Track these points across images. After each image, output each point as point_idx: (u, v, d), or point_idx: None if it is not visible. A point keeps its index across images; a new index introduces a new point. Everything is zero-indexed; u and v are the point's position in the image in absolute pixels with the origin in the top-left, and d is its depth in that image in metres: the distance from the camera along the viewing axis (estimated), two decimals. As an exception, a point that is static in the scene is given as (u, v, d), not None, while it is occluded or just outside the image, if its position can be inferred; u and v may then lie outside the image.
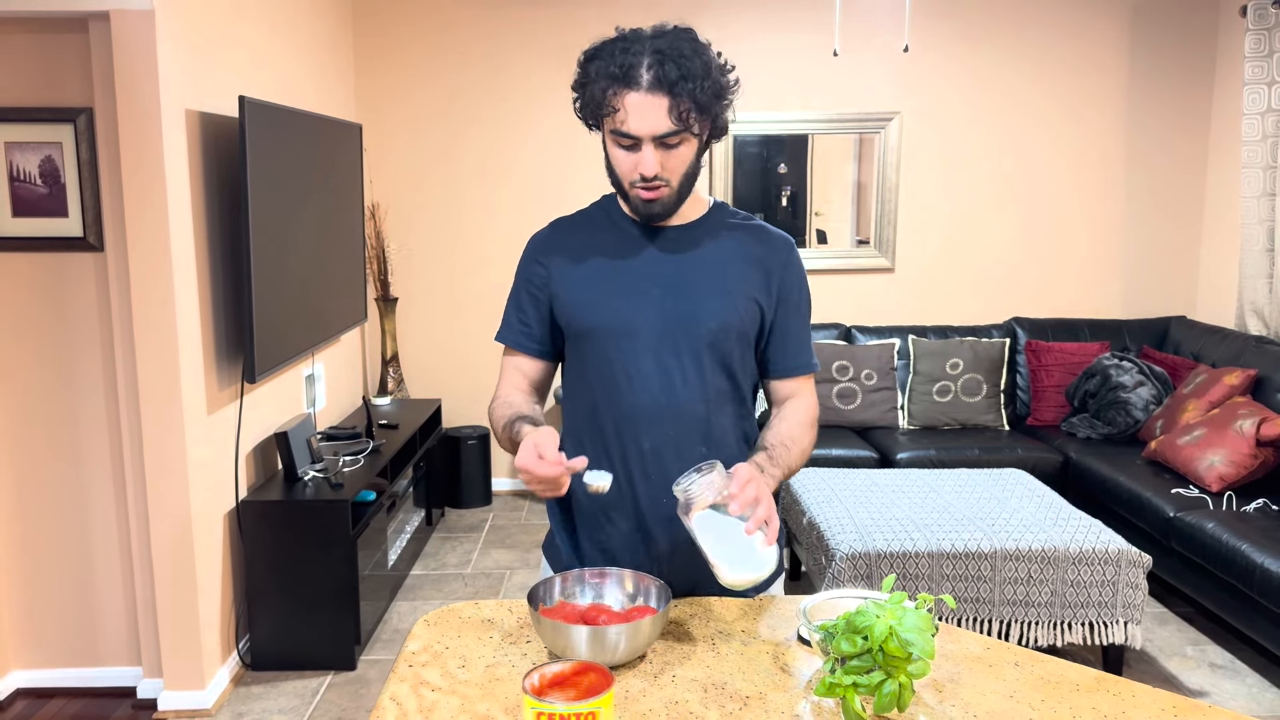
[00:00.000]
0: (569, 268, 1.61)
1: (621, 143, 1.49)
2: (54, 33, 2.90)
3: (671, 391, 1.56)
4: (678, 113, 1.44)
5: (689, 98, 1.43)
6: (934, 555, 3.06)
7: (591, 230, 1.64)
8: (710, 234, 1.61)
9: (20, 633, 3.16)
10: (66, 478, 3.09)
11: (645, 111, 1.44)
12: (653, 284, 1.57)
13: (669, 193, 1.52)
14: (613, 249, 1.60)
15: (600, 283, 1.58)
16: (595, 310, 1.58)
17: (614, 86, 1.44)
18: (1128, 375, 4.37)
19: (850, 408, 4.58)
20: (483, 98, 4.85)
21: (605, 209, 1.65)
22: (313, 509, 3.22)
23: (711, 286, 1.57)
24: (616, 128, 1.47)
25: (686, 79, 1.42)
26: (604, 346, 1.57)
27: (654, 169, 1.48)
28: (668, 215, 1.56)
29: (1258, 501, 3.50)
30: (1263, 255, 4.33)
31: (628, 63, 1.43)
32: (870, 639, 1.19)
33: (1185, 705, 1.26)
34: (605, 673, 1.11)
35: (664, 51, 1.43)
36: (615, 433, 1.57)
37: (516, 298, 1.67)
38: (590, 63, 1.48)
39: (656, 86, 1.43)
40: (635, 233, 1.60)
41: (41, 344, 3.03)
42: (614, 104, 1.45)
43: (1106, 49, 4.90)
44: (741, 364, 1.60)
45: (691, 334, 1.55)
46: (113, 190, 2.94)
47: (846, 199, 5.03)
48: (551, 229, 1.69)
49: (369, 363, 4.99)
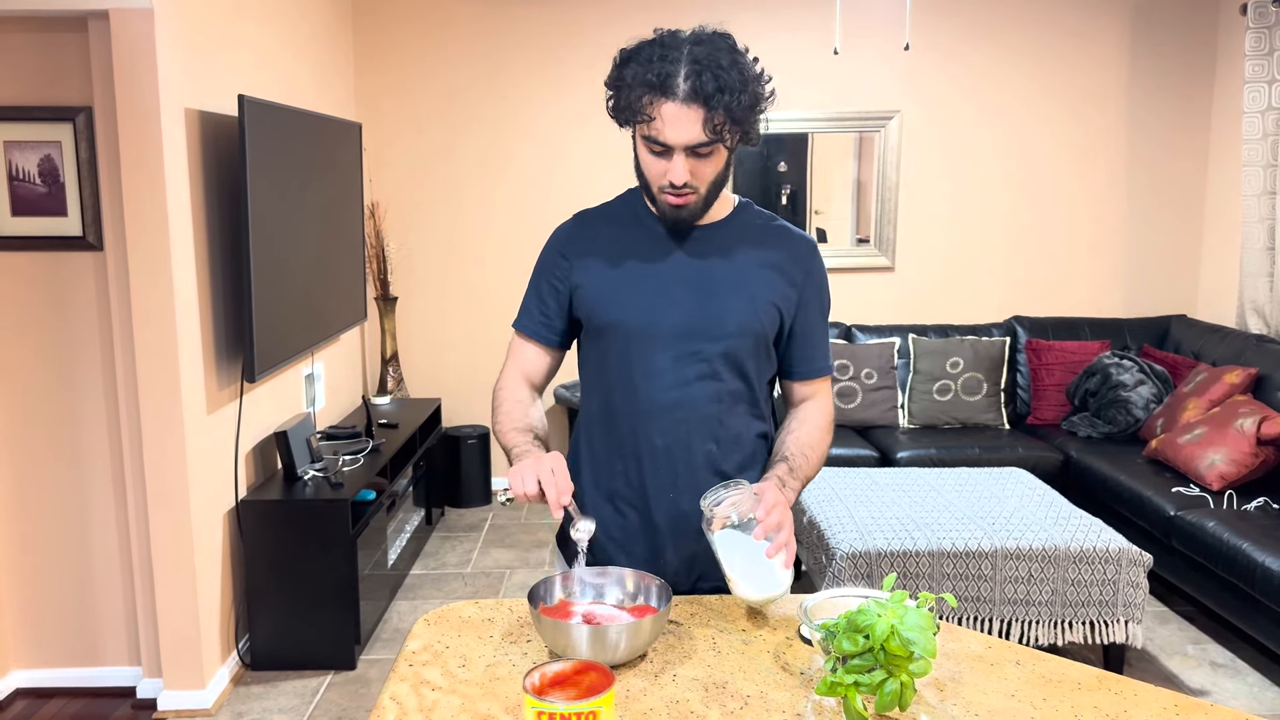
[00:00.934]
0: (592, 262, 1.61)
1: (653, 149, 1.48)
2: (53, 32, 2.90)
3: (686, 390, 1.56)
4: (712, 125, 1.43)
5: (724, 110, 1.42)
6: (935, 554, 3.06)
7: (616, 225, 1.64)
8: (735, 235, 1.61)
9: (20, 632, 3.16)
10: (66, 477, 3.09)
11: (679, 122, 1.43)
12: (676, 283, 1.57)
13: (696, 200, 1.52)
14: (637, 246, 1.60)
15: (623, 278, 1.58)
16: (617, 306, 1.58)
17: (650, 94, 1.43)
18: (1128, 374, 4.37)
19: (850, 407, 4.58)
20: (483, 96, 4.85)
21: (630, 204, 1.65)
22: (312, 508, 3.22)
23: (735, 290, 1.57)
24: (650, 134, 1.46)
25: (723, 91, 1.41)
26: (623, 342, 1.58)
27: (684, 177, 1.47)
28: (694, 220, 1.56)
29: (1258, 500, 3.50)
30: (1263, 254, 4.33)
31: (665, 71, 1.42)
32: (872, 638, 1.19)
33: (1186, 704, 1.25)
34: (606, 672, 1.11)
35: (702, 61, 1.41)
36: (629, 428, 1.58)
37: (537, 287, 1.67)
38: (626, 66, 1.47)
39: (693, 98, 1.41)
40: (660, 231, 1.60)
41: (41, 343, 3.03)
42: (649, 112, 1.44)
43: (1107, 47, 4.90)
44: (757, 366, 1.61)
45: (711, 336, 1.56)
46: (112, 189, 2.94)
47: (847, 197, 5.03)
48: (576, 221, 1.68)
49: (369, 362, 4.99)
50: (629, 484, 1.60)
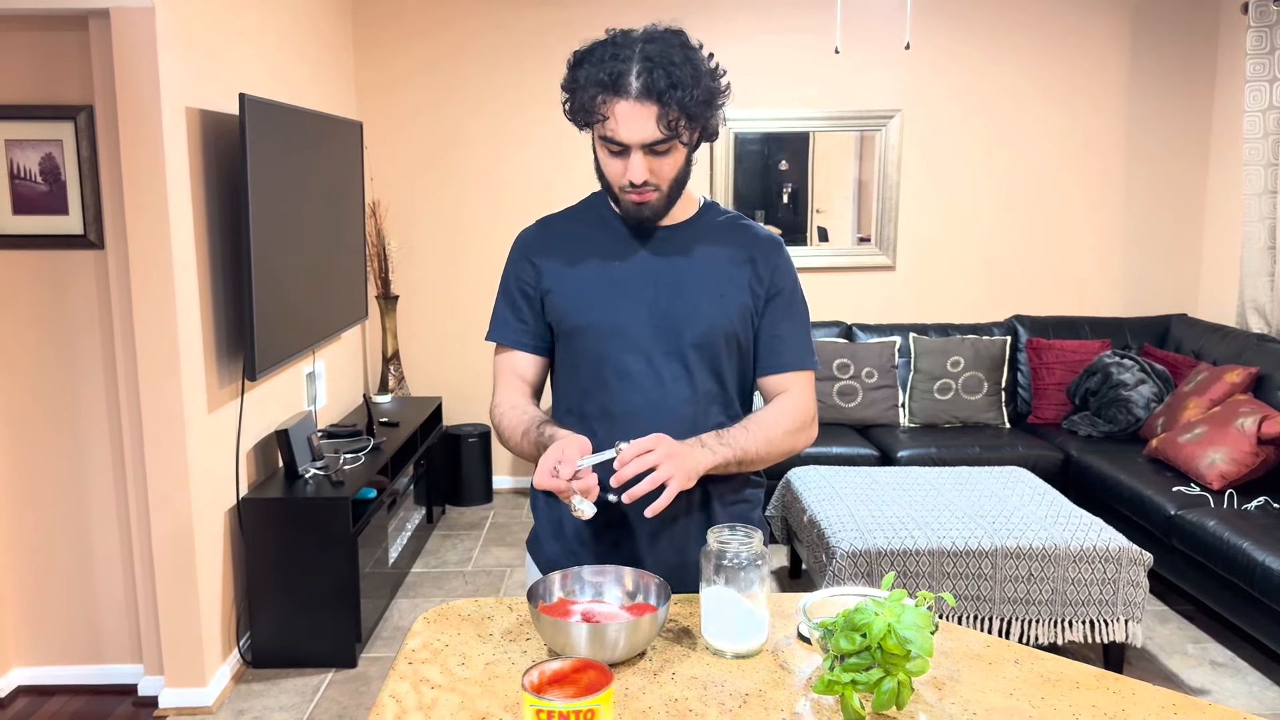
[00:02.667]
0: (560, 266, 1.60)
1: (610, 148, 1.48)
2: (54, 30, 2.90)
3: (661, 391, 1.56)
4: (666, 121, 1.43)
5: (678, 106, 1.42)
6: (934, 553, 3.06)
7: (581, 228, 1.63)
8: (700, 235, 1.60)
9: (22, 630, 3.16)
10: (67, 475, 3.09)
11: (634, 120, 1.43)
12: (645, 284, 1.56)
13: (658, 197, 1.52)
14: (603, 248, 1.59)
15: (592, 281, 1.58)
16: (587, 309, 1.57)
17: (603, 94, 1.43)
18: (1129, 373, 4.37)
19: (851, 406, 4.58)
20: (483, 94, 4.85)
21: (595, 207, 1.65)
22: (313, 507, 3.22)
23: (703, 288, 1.56)
24: (605, 134, 1.46)
25: (676, 87, 1.41)
26: (594, 345, 1.57)
27: (643, 175, 1.47)
28: (657, 219, 1.56)
29: (1259, 499, 3.50)
30: (1264, 253, 4.33)
31: (617, 70, 1.41)
32: (869, 636, 1.19)
33: (1186, 703, 1.26)
34: (605, 670, 1.11)
35: (653, 58, 1.41)
36: (604, 432, 1.56)
37: (508, 295, 1.65)
38: (579, 67, 1.47)
39: (645, 95, 1.41)
40: (626, 232, 1.60)
41: (42, 342, 3.03)
42: (603, 111, 1.44)
43: (1108, 47, 4.89)
44: (730, 366, 1.60)
45: (682, 335, 1.55)
46: (113, 188, 2.94)
47: (848, 196, 5.03)
48: (539, 226, 1.68)
49: (370, 360, 4.99)
50: (603, 486, 1.58)
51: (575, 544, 1.63)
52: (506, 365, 1.66)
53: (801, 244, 5.01)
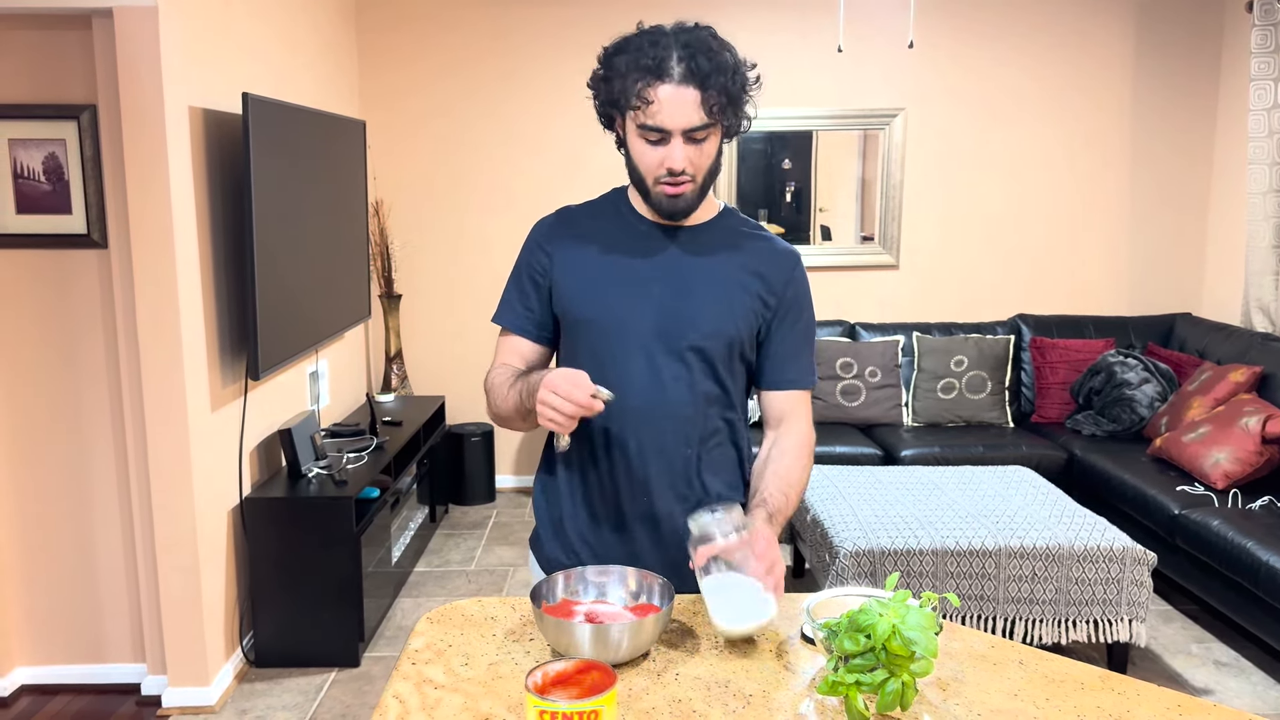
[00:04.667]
0: (572, 257, 1.60)
1: (649, 137, 1.47)
2: (58, 29, 2.90)
3: (661, 391, 1.55)
4: (708, 106, 1.43)
5: (720, 91, 1.43)
6: (938, 553, 3.06)
7: (599, 222, 1.63)
8: (719, 239, 1.60)
9: (25, 629, 3.17)
10: (71, 474, 3.09)
11: (677, 104, 1.43)
12: (654, 282, 1.56)
13: (693, 188, 1.51)
14: (619, 244, 1.59)
15: (602, 276, 1.58)
16: (593, 303, 1.57)
17: (645, 78, 1.43)
18: (1133, 372, 4.36)
19: (854, 405, 4.58)
20: (487, 93, 4.85)
21: (615, 203, 1.64)
22: (316, 506, 3.22)
23: (712, 293, 1.56)
24: (645, 121, 1.45)
25: (719, 71, 1.43)
26: (598, 340, 1.57)
27: (682, 163, 1.47)
28: (690, 212, 1.55)
29: (1263, 499, 3.49)
30: (1269, 252, 4.32)
31: (659, 55, 1.42)
32: (873, 637, 1.19)
33: (1190, 703, 1.25)
34: (608, 671, 1.11)
35: (692, 45, 1.43)
36: (602, 429, 1.56)
37: (518, 281, 1.66)
38: (616, 56, 1.47)
39: (689, 79, 1.42)
40: (643, 230, 1.59)
41: (45, 341, 3.04)
42: (646, 96, 1.43)
43: (1112, 45, 4.88)
44: (730, 371, 1.59)
45: (685, 335, 1.55)
46: (116, 187, 2.94)
47: (851, 195, 5.02)
48: (558, 217, 1.67)
49: (373, 359, 4.99)
50: (602, 485, 1.59)
51: (576, 543, 1.64)
52: (508, 347, 1.67)
53: (805, 243, 5.00)
